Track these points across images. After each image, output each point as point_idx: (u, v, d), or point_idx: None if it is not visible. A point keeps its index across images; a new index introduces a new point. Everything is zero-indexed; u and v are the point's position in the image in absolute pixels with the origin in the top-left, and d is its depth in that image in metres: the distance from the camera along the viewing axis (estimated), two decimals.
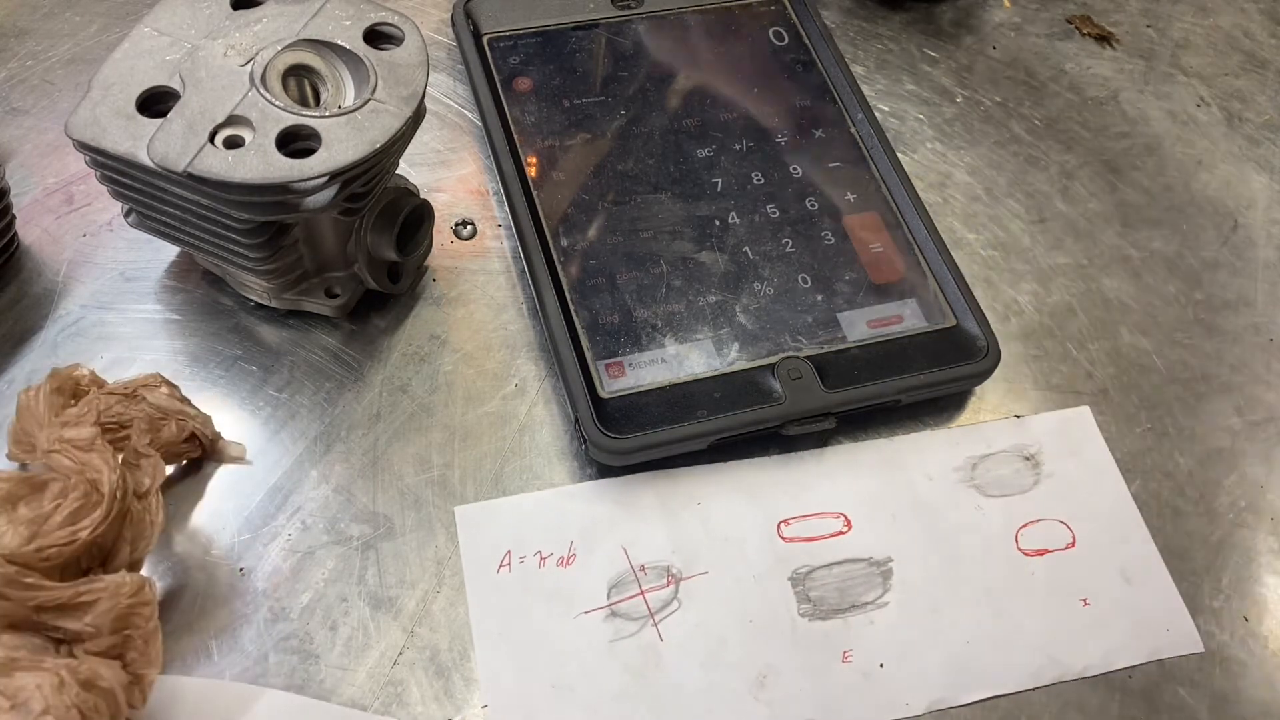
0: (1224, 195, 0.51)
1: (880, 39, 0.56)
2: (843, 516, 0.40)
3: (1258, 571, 0.40)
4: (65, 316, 0.43)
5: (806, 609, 0.38)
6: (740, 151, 0.47)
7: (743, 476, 0.41)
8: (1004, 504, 0.41)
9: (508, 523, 0.39)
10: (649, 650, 0.37)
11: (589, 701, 0.36)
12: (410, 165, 0.48)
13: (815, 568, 0.39)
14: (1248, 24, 0.59)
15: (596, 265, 0.43)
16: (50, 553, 0.32)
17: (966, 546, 0.40)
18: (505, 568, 0.38)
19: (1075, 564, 0.40)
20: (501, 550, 0.38)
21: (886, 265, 0.44)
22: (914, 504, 0.41)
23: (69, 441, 0.34)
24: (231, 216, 0.36)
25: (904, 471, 0.41)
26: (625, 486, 0.40)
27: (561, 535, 0.39)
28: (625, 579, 0.38)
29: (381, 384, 0.42)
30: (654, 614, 0.38)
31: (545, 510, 0.39)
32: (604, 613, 0.37)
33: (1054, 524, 0.41)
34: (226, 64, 0.37)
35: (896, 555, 0.39)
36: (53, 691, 0.29)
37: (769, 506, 0.40)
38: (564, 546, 0.38)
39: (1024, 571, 0.39)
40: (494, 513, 0.39)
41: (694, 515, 0.40)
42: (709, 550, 0.39)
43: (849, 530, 0.40)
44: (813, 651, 0.37)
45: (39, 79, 0.50)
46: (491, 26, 0.50)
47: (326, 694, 0.35)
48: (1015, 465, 0.42)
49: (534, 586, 0.38)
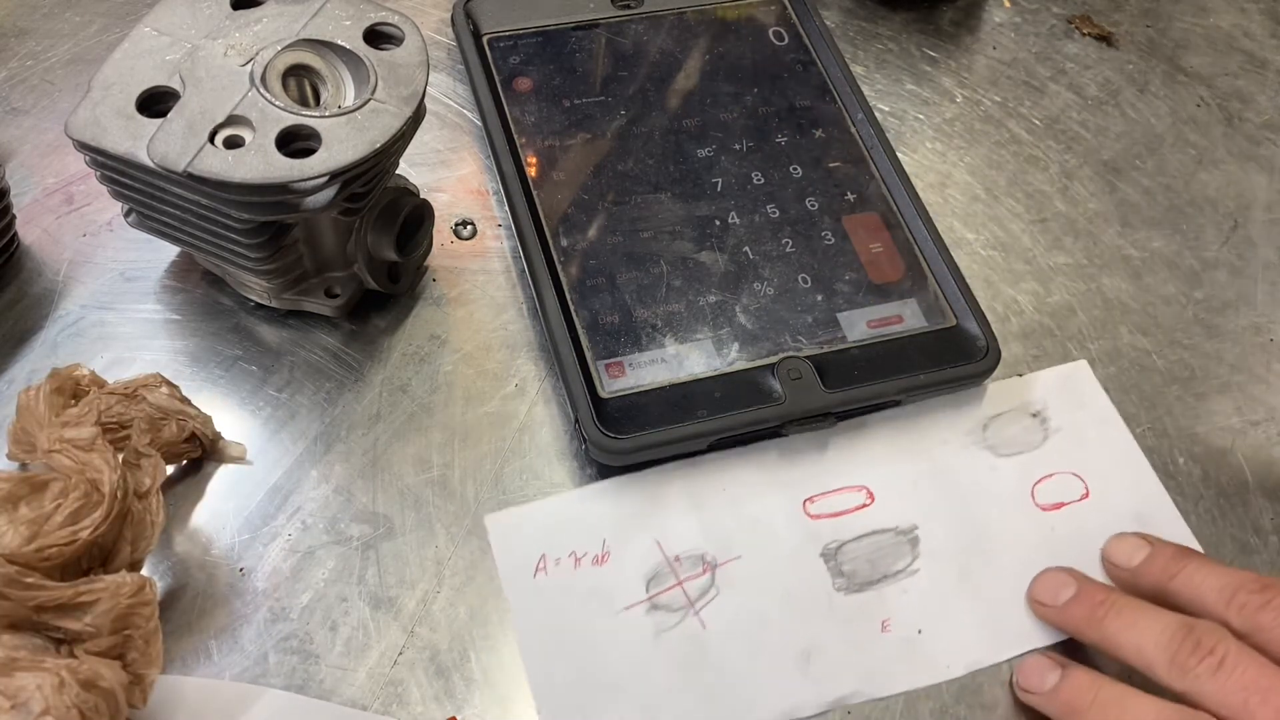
0: (1224, 195, 0.51)
1: (880, 39, 0.56)
2: (864, 489, 0.41)
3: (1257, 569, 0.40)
4: (65, 316, 0.43)
5: (841, 583, 0.38)
6: (740, 151, 0.47)
7: (763, 459, 0.41)
8: (1017, 462, 0.42)
9: (539, 526, 0.39)
10: (693, 639, 0.37)
11: (640, 695, 0.36)
12: (410, 165, 0.48)
13: (845, 541, 0.39)
14: (1248, 24, 0.59)
15: (596, 265, 0.43)
16: (51, 553, 0.32)
17: (986, 507, 0.41)
18: (541, 571, 0.38)
19: (1091, 514, 0.41)
20: (536, 555, 0.38)
21: (886, 265, 0.44)
22: (931, 470, 0.41)
23: (70, 441, 0.34)
24: (231, 216, 0.36)
25: (919, 439, 0.42)
26: (650, 480, 0.40)
27: (593, 534, 0.39)
28: (661, 571, 0.38)
29: (381, 384, 0.42)
30: (694, 603, 0.38)
31: (574, 511, 0.39)
32: (645, 606, 0.38)
33: (1067, 477, 0.41)
34: (226, 64, 0.37)
35: (921, 522, 0.40)
36: (53, 691, 0.29)
37: (792, 486, 0.40)
38: (597, 545, 0.39)
39: (1044, 526, 0.40)
40: (524, 518, 0.39)
41: (721, 501, 0.40)
42: (740, 534, 0.39)
43: (872, 502, 0.40)
44: (852, 624, 0.38)
45: (39, 79, 0.50)
46: (491, 26, 0.50)
47: (326, 694, 0.35)
48: (1024, 423, 0.43)
49: (572, 587, 0.38)
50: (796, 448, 0.41)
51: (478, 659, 0.36)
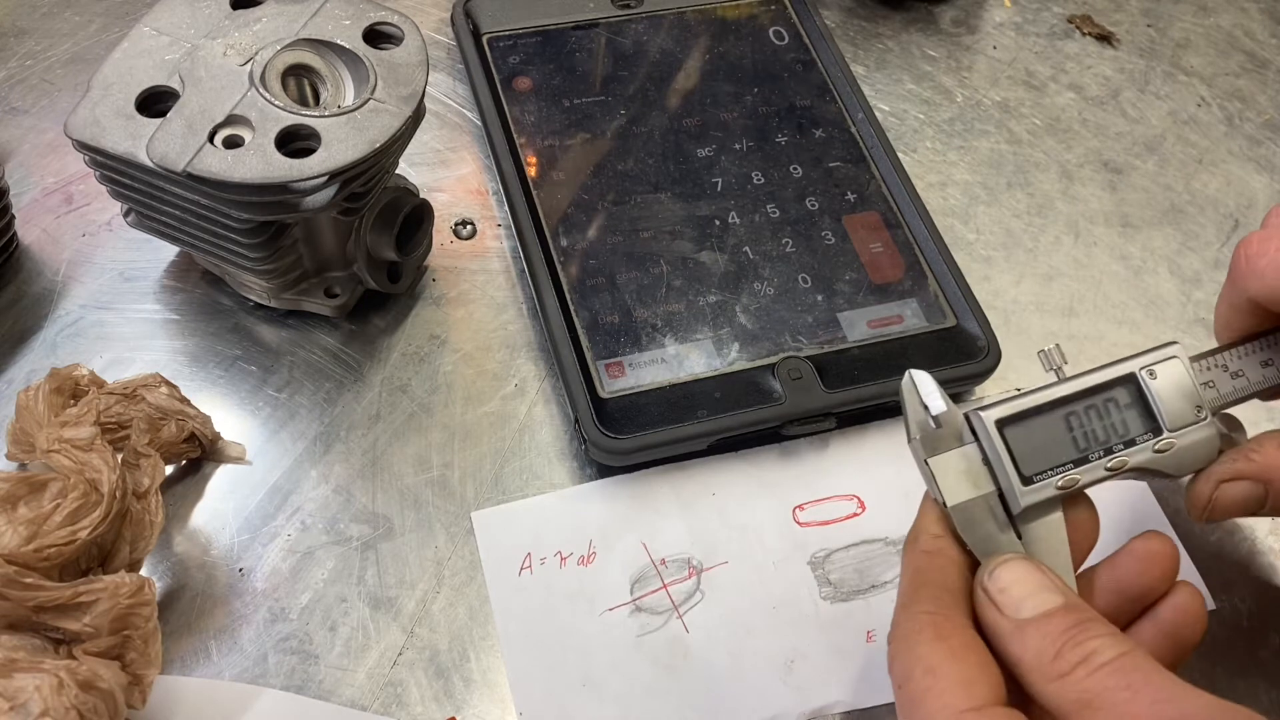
0: (1224, 195, 0.51)
1: (880, 39, 0.56)
2: (856, 498, 0.40)
3: (1262, 570, 0.40)
4: (64, 316, 0.43)
5: (828, 592, 0.38)
6: (740, 151, 0.47)
7: (755, 465, 0.41)
8: None
9: (526, 525, 0.39)
10: (676, 642, 0.37)
11: (620, 697, 0.36)
12: (410, 165, 0.48)
13: (833, 550, 0.39)
14: (1248, 24, 0.59)
15: (596, 265, 0.43)
16: (50, 553, 0.32)
17: None
18: (526, 570, 0.38)
19: None
20: (521, 553, 0.38)
21: (886, 265, 0.44)
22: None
23: (69, 441, 0.34)
24: (231, 216, 0.36)
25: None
26: (639, 482, 0.40)
27: (580, 534, 0.39)
28: (647, 573, 0.38)
29: (381, 384, 0.42)
30: (678, 606, 0.38)
31: (562, 510, 0.39)
32: (628, 608, 0.37)
33: None
34: (226, 64, 0.37)
35: None
36: (52, 693, 0.29)
37: (783, 493, 0.40)
38: (583, 545, 0.38)
39: None
40: (511, 516, 0.39)
41: (710, 506, 0.40)
42: (727, 540, 0.39)
43: (863, 511, 0.40)
44: (837, 633, 0.37)
45: (39, 79, 0.50)
46: (491, 26, 0.50)
47: (326, 694, 0.35)
48: None
49: (557, 587, 0.38)
50: (789, 454, 0.41)
51: (478, 659, 0.36)
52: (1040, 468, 0.31)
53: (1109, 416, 0.32)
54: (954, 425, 0.31)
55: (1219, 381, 0.34)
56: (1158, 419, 0.32)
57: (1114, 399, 0.33)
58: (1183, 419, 0.33)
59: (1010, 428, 0.31)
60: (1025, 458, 0.31)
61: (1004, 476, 0.31)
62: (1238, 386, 0.34)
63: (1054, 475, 0.31)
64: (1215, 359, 0.34)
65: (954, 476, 0.31)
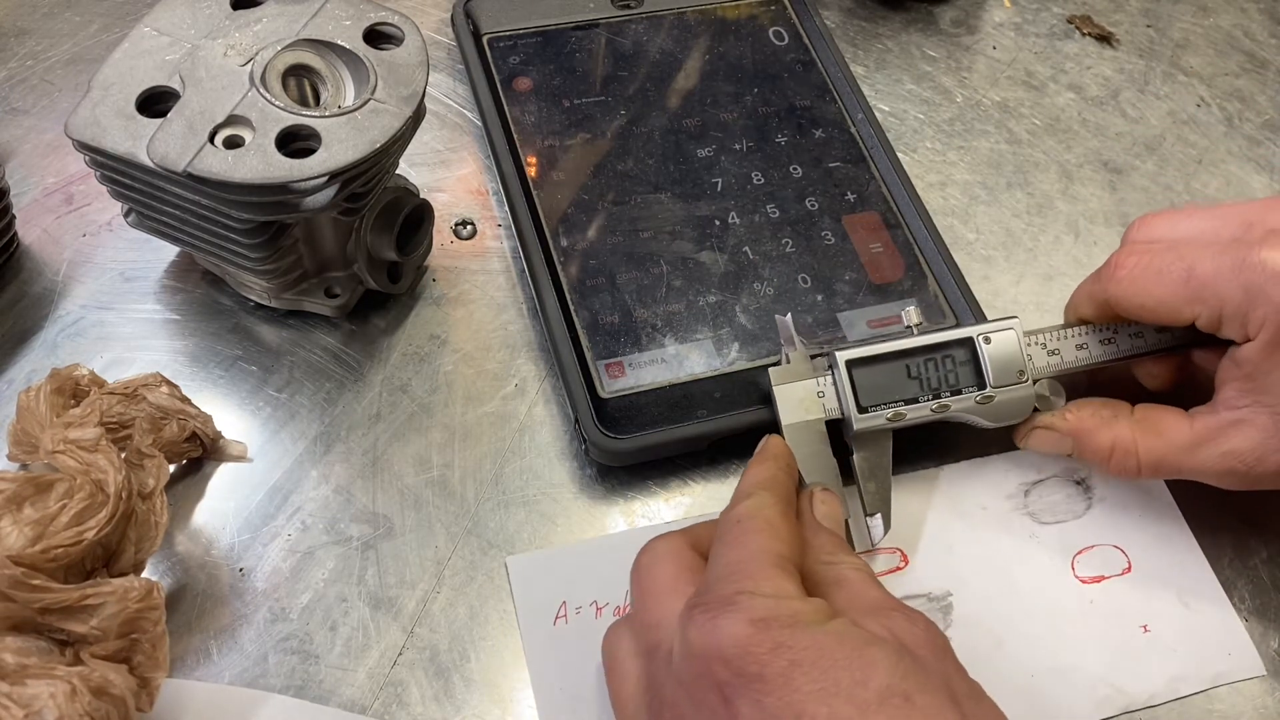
0: (1224, 195, 0.51)
1: (880, 39, 0.56)
2: (899, 552, 0.39)
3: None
4: (65, 316, 0.43)
5: None
6: (740, 151, 0.47)
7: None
8: (1058, 530, 0.40)
9: (562, 573, 0.38)
10: None
11: None
12: (410, 165, 0.48)
13: None
14: (1248, 24, 0.59)
15: (596, 265, 0.43)
16: (56, 554, 0.31)
17: (1024, 576, 0.39)
18: (561, 619, 0.37)
19: (1133, 589, 0.39)
20: (557, 602, 0.37)
21: (886, 265, 0.44)
22: (970, 535, 0.40)
23: (74, 442, 0.34)
24: (231, 216, 0.36)
25: (959, 502, 0.41)
26: None
27: (617, 584, 0.37)
28: None
29: (381, 384, 0.42)
30: None
31: (599, 558, 0.38)
32: None
33: (1109, 549, 0.40)
34: (226, 64, 0.37)
35: (956, 590, 0.39)
36: (65, 700, 0.29)
37: None
38: (620, 595, 0.37)
39: (1083, 600, 0.39)
40: (547, 563, 0.38)
41: None
42: None
43: (906, 565, 0.39)
44: None
45: (39, 79, 0.50)
46: (491, 26, 0.50)
47: (326, 694, 0.35)
48: (1067, 490, 0.41)
49: (592, 638, 0.36)
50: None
51: (478, 659, 0.36)
52: (876, 401, 0.38)
53: (944, 369, 0.39)
54: (802, 364, 0.39)
55: (1037, 357, 0.39)
56: (985, 376, 0.39)
57: (952, 355, 0.39)
58: (1006, 379, 0.39)
59: (859, 369, 0.38)
60: (865, 391, 0.38)
61: (846, 404, 0.38)
62: (1051, 363, 0.39)
63: (885, 409, 0.38)
64: (1044, 335, 0.40)
65: (793, 404, 0.38)
